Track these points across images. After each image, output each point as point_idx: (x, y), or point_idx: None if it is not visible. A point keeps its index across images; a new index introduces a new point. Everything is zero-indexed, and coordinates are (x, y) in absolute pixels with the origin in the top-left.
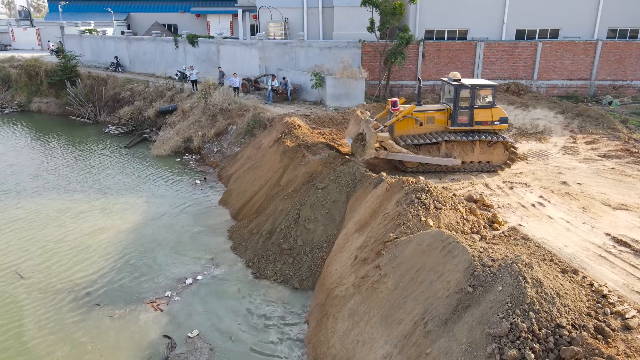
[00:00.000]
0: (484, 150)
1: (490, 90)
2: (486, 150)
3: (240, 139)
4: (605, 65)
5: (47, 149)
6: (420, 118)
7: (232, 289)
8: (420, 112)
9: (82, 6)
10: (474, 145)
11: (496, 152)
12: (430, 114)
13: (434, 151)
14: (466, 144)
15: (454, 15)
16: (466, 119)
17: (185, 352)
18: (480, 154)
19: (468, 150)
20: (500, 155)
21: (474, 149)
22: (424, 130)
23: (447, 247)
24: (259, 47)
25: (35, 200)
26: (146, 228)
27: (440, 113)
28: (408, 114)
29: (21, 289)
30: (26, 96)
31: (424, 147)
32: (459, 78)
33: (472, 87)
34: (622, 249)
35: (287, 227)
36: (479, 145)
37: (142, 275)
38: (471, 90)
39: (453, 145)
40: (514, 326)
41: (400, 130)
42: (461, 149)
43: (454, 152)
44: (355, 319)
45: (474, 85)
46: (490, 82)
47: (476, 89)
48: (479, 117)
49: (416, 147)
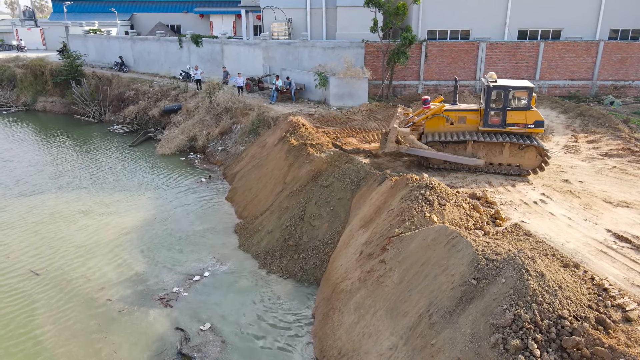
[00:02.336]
0: (515, 153)
1: (526, 92)
2: (517, 153)
3: (244, 138)
4: (607, 66)
5: (53, 147)
6: (451, 117)
7: (238, 284)
8: (451, 111)
9: (85, 6)
10: (503, 147)
11: (527, 156)
12: (462, 114)
13: (460, 150)
14: (494, 145)
15: (457, 16)
16: (498, 120)
17: (199, 344)
18: (509, 157)
19: (496, 152)
20: (531, 159)
21: (502, 151)
22: (455, 129)
23: (452, 242)
24: (262, 47)
25: (41, 198)
26: (152, 225)
27: (472, 113)
28: (437, 112)
29: (35, 286)
30: (31, 95)
31: (451, 145)
32: (495, 79)
33: (506, 88)
34: (623, 244)
35: (293, 224)
36: (508, 147)
37: (149, 272)
38: (504, 92)
39: (480, 146)
40: (517, 317)
41: (431, 128)
42: (489, 150)
43: (480, 152)
44: (361, 312)
45: (507, 86)
46: (526, 84)
47: (509, 90)
48: (512, 119)
49: (442, 144)
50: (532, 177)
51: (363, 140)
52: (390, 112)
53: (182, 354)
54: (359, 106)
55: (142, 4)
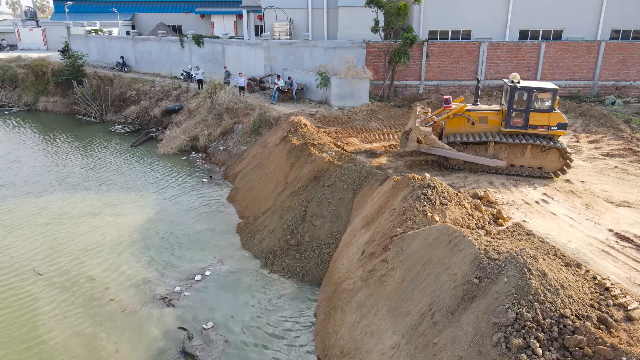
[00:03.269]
0: (537, 155)
1: (550, 93)
2: (539, 155)
3: (246, 138)
4: (609, 66)
5: (54, 147)
6: (473, 117)
7: (240, 284)
8: (473, 111)
9: (87, 6)
10: (524, 148)
11: (550, 158)
12: (483, 114)
13: (481, 151)
14: (516, 146)
15: (458, 16)
16: (521, 121)
17: (202, 343)
18: (531, 159)
19: (518, 153)
20: (554, 161)
21: (524, 152)
22: (476, 130)
23: (454, 241)
24: (264, 47)
25: (44, 198)
26: (154, 225)
27: (494, 114)
28: (459, 112)
29: (38, 286)
30: (33, 95)
31: (471, 146)
32: (519, 80)
33: (529, 89)
34: (625, 244)
35: (294, 223)
36: (530, 149)
37: (151, 272)
38: (528, 93)
39: (502, 147)
40: (519, 316)
41: (452, 128)
42: (510, 151)
43: (501, 154)
44: (363, 311)
45: (531, 87)
46: (550, 86)
47: (533, 91)
48: (535, 120)
49: (463, 145)
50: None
51: (364, 140)
52: (391, 111)
53: (185, 353)
54: (360, 106)
55: (143, 4)
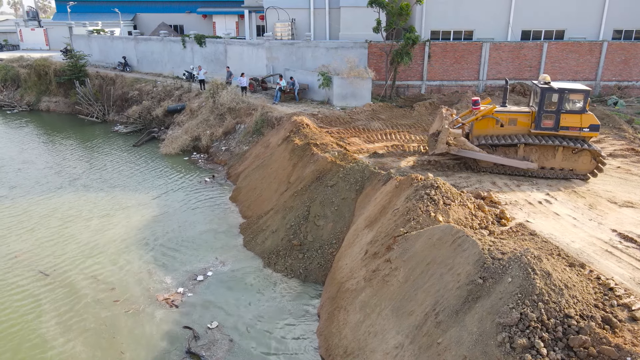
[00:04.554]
0: (568, 157)
1: (582, 95)
2: (570, 157)
3: (248, 138)
4: (611, 66)
5: (57, 147)
6: (502, 119)
7: (243, 284)
8: (502, 112)
9: (89, 7)
10: (555, 150)
11: (581, 160)
12: (513, 116)
13: (511, 153)
14: (547, 148)
15: (460, 16)
16: (551, 123)
17: (207, 342)
18: (562, 161)
19: (549, 155)
20: (586, 164)
21: (555, 154)
22: (505, 132)
23: (457, 241)
24: (266, 47)
25: (46, 198)
26: (156, 225)
27: (524, 115)
28: (488, 114)
29: (42, 286)
30: (35, 95)
31: (501, 148)
32: (549, 81)
33: (560, 90)
34: (628, 244)
35: (297, 223)
36: (561, 151)
37: (154, 272)
38: (559, 94)
39: (532, 149)
40: (524, 316)
41: (480, 130)
42: (541, 153)
43: (532, 156)
44: (367, 311)
45: (562, 88)
46: (582, 87)
47: (565, 92)
48: (566, 122)
49: (492, 147)
50: (535, 177)
51: (367, 140)
52: (393, 112)
53: (190, 353)
54: (362, 106)
55: (145, 5)
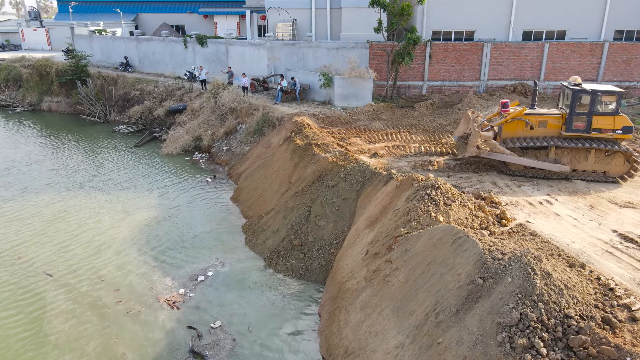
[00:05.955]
0: (601, 159)
1: (615, 96)
2: (603, 159)
3: (249, 138)
4: (612, 67)
5: (59, 147)
6: (532, 121)
7: (244, 284)
8: (532, 115)
9: (90, 7)
10: (588, 153)
11: (615, 162)
12: (543, 118)
13: (541, 156)
14: (579, 151)
15: (461, 16)
16: (583, 125)
17: (210, 342)
18: (595, 163)
19: (581, 158)
20: (619, 166)
21: (588, 157)
22: (535, 134)
23: (458, 241)
24: (267, 47)
25: (47, 197)
26: (158, 226)
27: (554, 117)
28: (518, 116)
29: (45, 286)
30: (37, 95)
31: (531, 150)
32: (580, 82)
33: (592, 92)
34: (629, 245)
35: (298, 223)
36: (594, 153)
37: (156, 273)
38: (591, 96)
39: (564, 152)
40: (524, 316)
41: (509, 132)
42: (573, 156)
43: (564, 158)
44: (368, 311)
45: (594, 90)
46: (614, 88)
47: (597, 94)
48: (598, 124)
49: (522, 150)
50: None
51: (368, 141)
52: (394, 112)
53: (194, 352)
54: (363, 106)
55: (146, 5)
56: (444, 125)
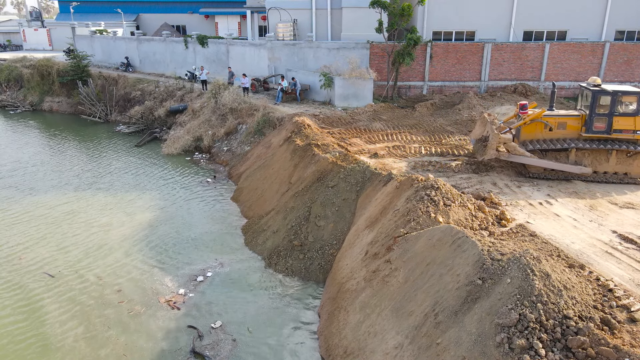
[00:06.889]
0: (622, 160)
1: (635, 97)
2: (624, 160)
3: (250, 138)
4: (613, 67)
5: (59, 147)
6: (551, 123)
7: (244, 284)
8: (550, 116)
9: (92, 7)
10: (609, 154)
11: (636, 163)
12: (562, 119)
13: (562, 158)
14: (600, 152)
15: (462, 17)
16: (603, 126)
17: (211, 342)
18: (616, 165)
19: (602, 159)
20: None
21: (609, 158)
22: (554, 136)
23: (457, 242)
24: (268, 47)
25: (49, 198)
26: (158, 226)
27: (573, 119)
28: (537, 118)
29: (45, 287)
30: (38, 95)
31: (551, 152)
32: (599, 83)
33: (613, 92)
34: (629, 245)
35: (298, 223)
36: (615, 155)
37: (156, 273)
38: (612, 96)
39: (584, 154)
40: (523, 317)
41: (528, 134)
42: (594, 157)
43: (584, 160)
44: (367, 312)
45: (615, 91)
46: (635, 89)
47: (618, 95)
48: (619, 125)
49: (542, 152)
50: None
51: (368, 141)
52: (395, 112)
53: (195, 353)
54: (364, 107)
55: (147, 5)
56: (444, 126)
